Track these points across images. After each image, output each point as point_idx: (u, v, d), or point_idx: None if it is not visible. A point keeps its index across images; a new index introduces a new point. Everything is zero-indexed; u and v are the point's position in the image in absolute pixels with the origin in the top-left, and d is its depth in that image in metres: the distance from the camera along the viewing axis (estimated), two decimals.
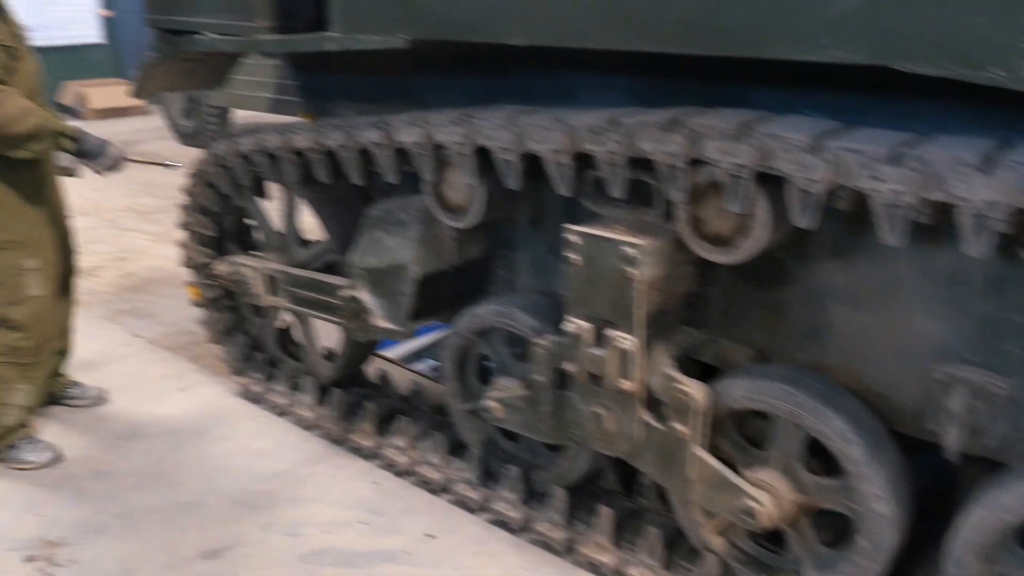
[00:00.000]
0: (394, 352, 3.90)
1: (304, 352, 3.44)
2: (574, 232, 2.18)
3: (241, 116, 9.65)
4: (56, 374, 3.49)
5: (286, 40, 2.67)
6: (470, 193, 2.49)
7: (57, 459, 3.15)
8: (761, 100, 2.09)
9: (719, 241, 2.01)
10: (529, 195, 2.54)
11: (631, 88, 2.36)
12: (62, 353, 3.47)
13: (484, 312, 2.64)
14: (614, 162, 2.05)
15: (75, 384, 3.57)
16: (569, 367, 2.32)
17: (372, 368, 3.54)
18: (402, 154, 2.57)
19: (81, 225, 3.70)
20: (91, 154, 3.00)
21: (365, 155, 2.66)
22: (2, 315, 3.03)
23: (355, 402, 3.31)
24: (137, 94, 3.35)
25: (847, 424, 1.99)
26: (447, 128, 2.35)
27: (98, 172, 3.06)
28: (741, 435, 2.24)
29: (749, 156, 1.82)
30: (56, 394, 3.51)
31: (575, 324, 2.26)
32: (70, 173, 3.22)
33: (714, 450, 2.20)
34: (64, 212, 3.27)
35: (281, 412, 3.44)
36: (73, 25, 11.39)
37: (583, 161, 2.19)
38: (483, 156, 2.38)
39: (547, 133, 2.15)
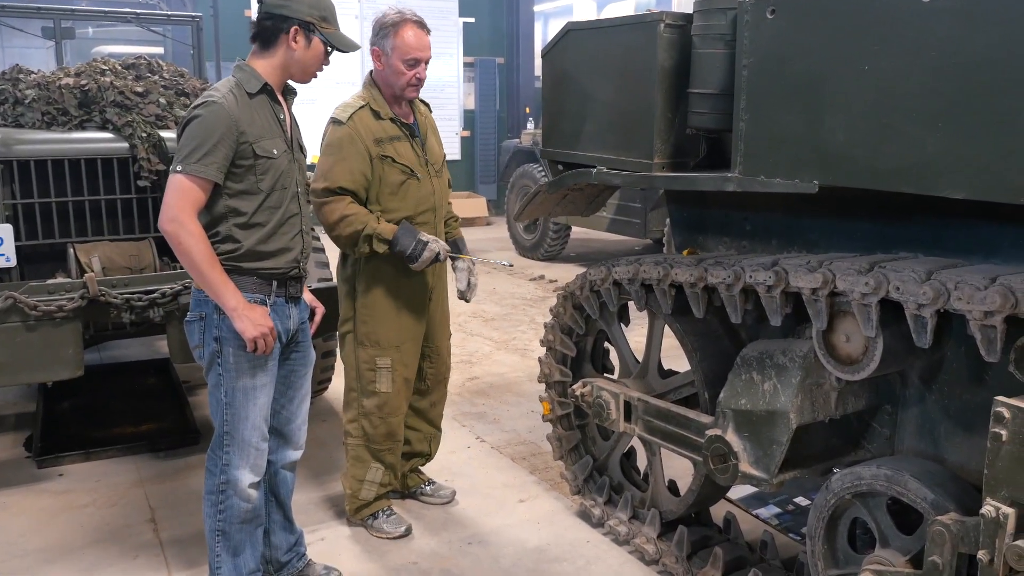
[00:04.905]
0: (736, 493, 3.72)
1: (649, 482, 3.38)
2: (1005, 405, 1.93)
3: (577, 232, 10.14)
4: (414, 470, 3.76)
5: (685, 178, 2.73)
6: (867, 345, 2.33)
7: (409, 532, 3.45)
8: None
9: None
10: (929, 351, 2.33)
11: None
12: (424, 456, 3.74)
13: (868, 474, 2.42)
14: None
15: (431, 482, 3.80)
16: (980, 555, 2.04)
17: (713, 507, 3.40)
18: (791, 297, 2.48)
19: None
20: (406, 255, 3.14)
21: (750, 294, 2.61)
22: (360, 402, 3.38)
23: (699, 542, 3.18)
24: (519, 218, 3.58)
25: None
26: (852, 277, 2.23)
27: (416, 269, 3.19)
28: None
29: None
30: (413, 488, 3.76)
31: (994, 508, 1.99)
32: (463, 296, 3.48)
33: None
34: (441, 328, 3.56)
35: (621, 540, 3.38)
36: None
37: (1016, 325, 1.96)
38: (886, 307, 2.23)
39: (978, 293, 1.96)
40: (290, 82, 2.71)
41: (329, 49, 2.64)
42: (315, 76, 2.70)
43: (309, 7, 2.56)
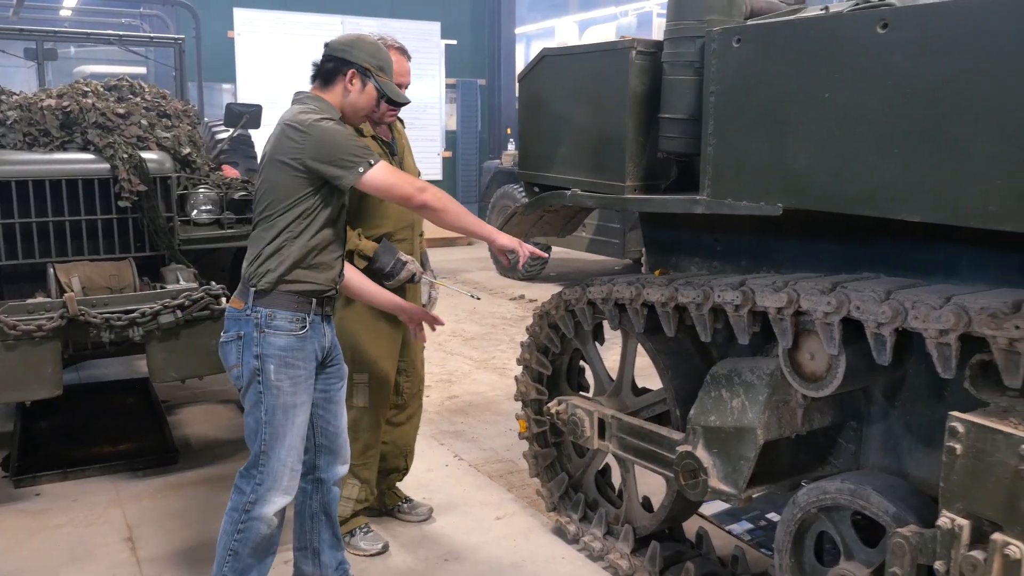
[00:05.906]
0: (709, 509, 3.77)
1: (623, 499, 3.43)
2: (959, 420, 2.01)
3: (557, 252, 10.21)
4: (392, 488, 3.79)
5: (655, 200, 2.80)
6: (830, 363, 2.40)
7: (386, 549, 3.49)
8: None
9: None
10: (891, 369, 2.41)
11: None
12: (401, 471, 3.76)
13: (833, 488, 2.48)
14: (1017, 350, 1.88)
15: (407, 500, 3.83)
16: (937, 566, 2.10)
17: (687, 523, 3.45)
18: (758, 316, 2.56)
19: None
20: (383, 273, 3.26)
21: (719, 314, 2.68)
22: None
23: (671, 557, 3.23)
24: None
25: None
26: (815, 297, 2.30)
27: (389, 288, 3.26)
28: None
29: None
30: (390, 506, 3.79)
31: (950, 520, 2.05)
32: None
33: None
34: (415, 342, 3.59)
35: (595, 556, 3.43)
36: (420, 164, 12.91)
37: (970, 343, 2.04)
38: (849, 326, 2.31)
39: (934, 312, 2.04)
40: None
41: (381, 97, 2.76)
42: (364, 120, 2.91)
43: (368, 56, 2.71)
